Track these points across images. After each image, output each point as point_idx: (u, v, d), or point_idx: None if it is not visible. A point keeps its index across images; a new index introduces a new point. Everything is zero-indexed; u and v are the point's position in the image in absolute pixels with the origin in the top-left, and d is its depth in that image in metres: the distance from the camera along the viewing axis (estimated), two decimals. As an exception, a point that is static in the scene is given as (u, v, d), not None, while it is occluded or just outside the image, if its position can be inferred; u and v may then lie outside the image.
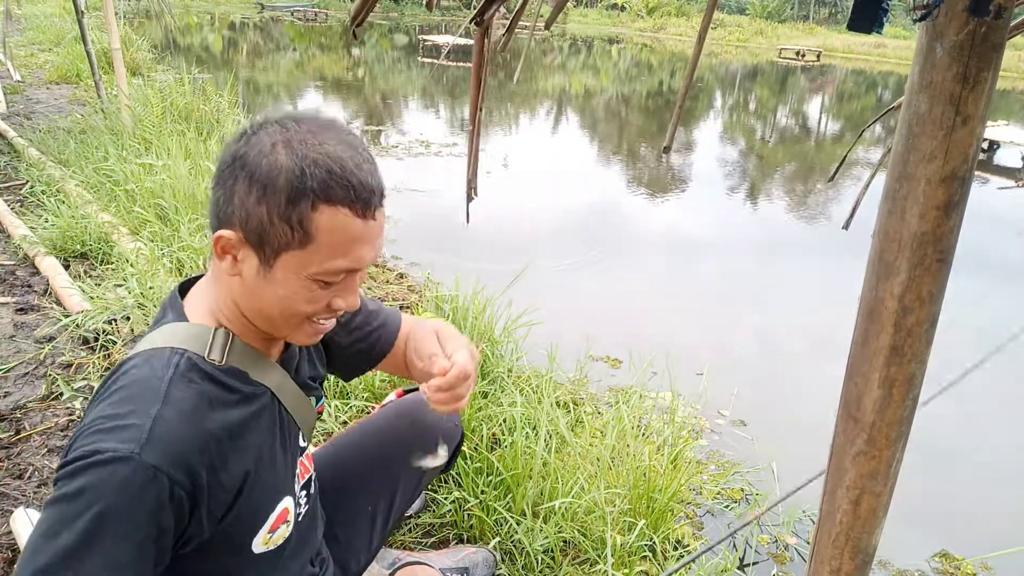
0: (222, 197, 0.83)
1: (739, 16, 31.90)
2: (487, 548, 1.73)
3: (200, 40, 17.20)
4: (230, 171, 0.82)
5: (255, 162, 0.80)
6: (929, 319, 0.63)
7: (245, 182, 0.81)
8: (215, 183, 0.85)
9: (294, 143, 0.80)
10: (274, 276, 0.84)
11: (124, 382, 0.82)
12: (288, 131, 0.81)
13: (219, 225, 0.84)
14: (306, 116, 0.84)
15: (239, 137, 0.83)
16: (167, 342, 0.85)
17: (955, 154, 0.58)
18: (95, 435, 0.77)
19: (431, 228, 4.82)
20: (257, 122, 0.84)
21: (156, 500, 0.76)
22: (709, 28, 0.73)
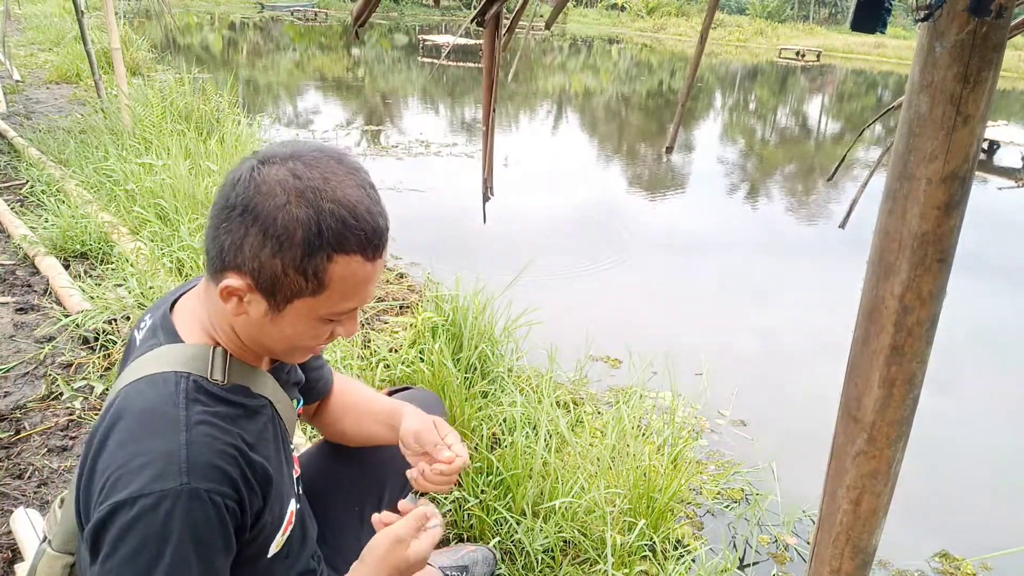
0: (228, 243, 0.80)
1: (739, 16, 31.90)
2: (486, 546, 1.73)
3: (200, 40, 17.20)
4: (240, 220, 0.79)
5: (269, 215, 0.78)
6: (929, 319, 0.64)
7: (259, 235, 0.79)
8: (219, 225, 0.81)
9: (307, 193, 0.79)
10: (282, 319, 0.84)
11: (135, 414, 0.79)
12: (300, 179, 0.79)
13: (223, 267, 0.82)
14: (314, 153, 0.82)
15: (245, 180, 0.79)
16: (167, 366, 0.83)
17: (956, 154, 0.58)
18: (128, 478, 0.74)
19: (431, 228, 4.82)
20: (261, 159, 0.81)
21: (219, 519, 0.77)
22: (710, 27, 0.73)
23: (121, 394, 0.82)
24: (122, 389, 0.82)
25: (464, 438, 2.01)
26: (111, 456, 0.76)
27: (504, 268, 3.18)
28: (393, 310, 3.13)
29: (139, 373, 0.83)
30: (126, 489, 0.73)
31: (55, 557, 0.88)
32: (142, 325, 0.94)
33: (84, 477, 0.79)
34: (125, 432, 0.77)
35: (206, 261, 0.84)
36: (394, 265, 3.90)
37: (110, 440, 0.77)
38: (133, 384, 0.82)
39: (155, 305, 0.96)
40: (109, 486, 0.74)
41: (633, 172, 7.66)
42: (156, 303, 0.97)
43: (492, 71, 0.83)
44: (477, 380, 2.35)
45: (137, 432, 0.77)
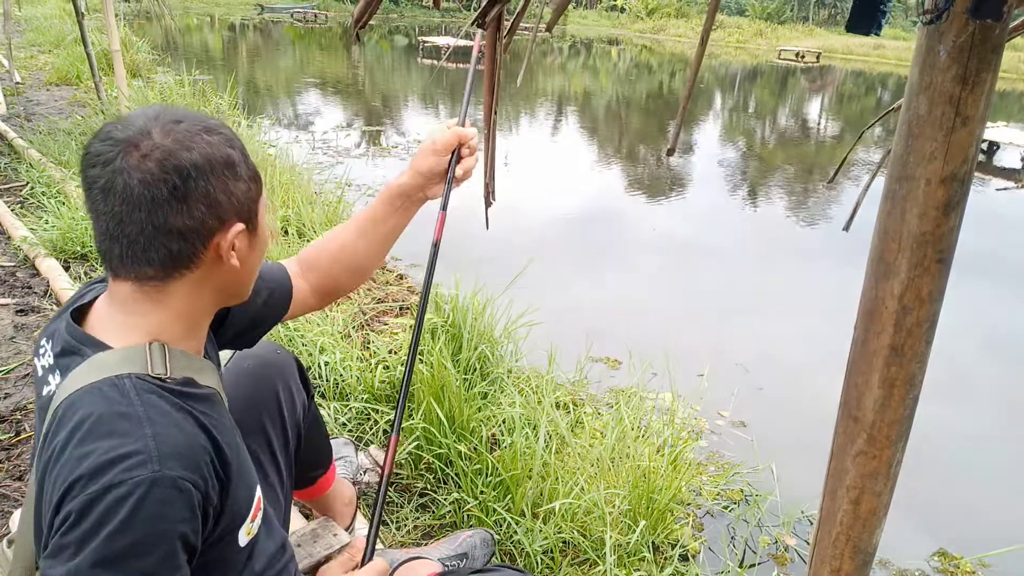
0: (196, 214, 0.80)
1: (739, 17, 31.93)
2: (484, 528, 1.72)
3: (200, 42, 17.21)
4: (184, 188, 0.78)
5: (203, 161, 0.79)
6: (929, 319, 0.64)
7: (216, 180, 0.80)
8: (158, 213, 0.78)
9: (191, 125, 0.80)
10: (257, 237, 0.88)
11: (88, 422, 0.75)
12: (164, 129, 0.79)
13: (204, 236, 0.81)
14: (125, 122, 0.81)
15: (117, 164, 0.77)
16: (104, 372, 0.79)
17: (955, 155, 0.58)
18: (98, 474, 0.72)
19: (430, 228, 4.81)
20: (112, 151, 0.78)
21: (190, 509, 0.76)
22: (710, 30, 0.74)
23: (60, 411, 0.77)
24: (60, 406, 0.78)
25: (463, 439, 2.02)
26: (74, 463, 0.73)
27: (504, 268, 3.18)
28: (393, 311, 3.13)
29: (75, 386, 0.78)
30: (96, 483, 0.71)
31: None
32: (42, 352, 0.87)
33: (44, 493, 0.76)
34: (85, 436, 0.74)
35: (130, 257, 0.81)
36: (394, 266, 3.90)
37: (68, 450, 0.74)
38: (69, 399, 0.78)
39: (46, 330, 0.90)
40: (78, 486, 0.72)
41: (633, 173, 7.67)
42: (46, 329, 0.90)
43: (493, 73, 0.83)
44: (477, 381, 2.35)
45: (98, 434, 0.74)
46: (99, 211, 0.79)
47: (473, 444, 2.01)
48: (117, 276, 0.82)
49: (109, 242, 0.80)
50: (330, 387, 2.31)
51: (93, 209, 0.80)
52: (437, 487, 1.97)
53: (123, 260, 0.80)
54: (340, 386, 2.31)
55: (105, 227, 0.79)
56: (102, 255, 0.82)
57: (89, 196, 0.79)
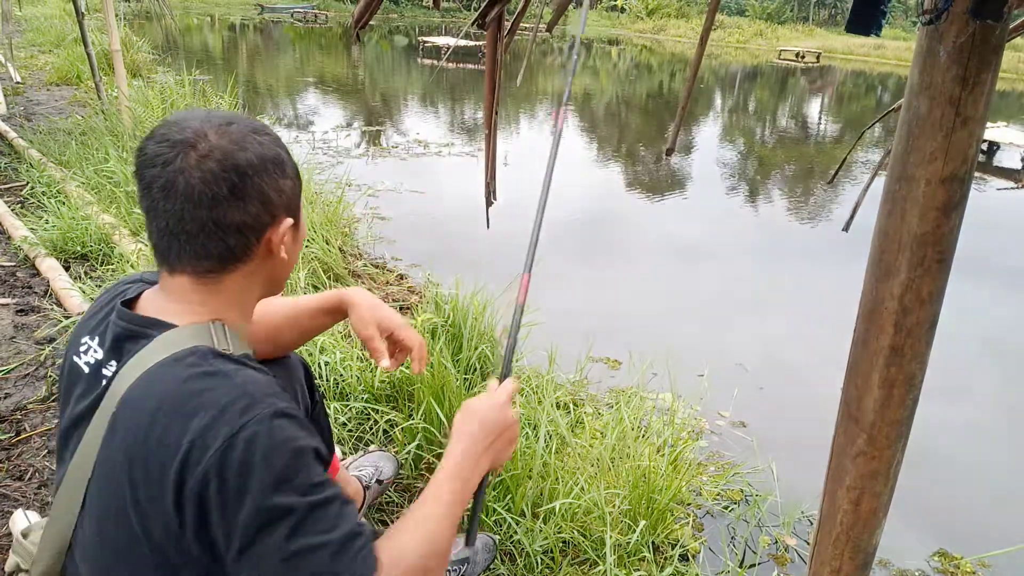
0: (251, 210, 0.84)
1: (739, 17, 31.93)
2: (486, 533, 1.73)
3: (200, 41, 17.21)
4: (242, 187, 0.82)
5: (248, 157, 0.83)
6: (929, 319, 0.64)
7: (268, 179, 0.85)
8: (218, 204, 0.82)
9: (242, 125, 0.85)
10: (299, 229, 0.93)
11: (179, 389, 0.77)
12: (219, 130, 0.83)
13: (259, 230, 0.86)
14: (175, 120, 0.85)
15: (177, 165, 0.81)
16: (174, 347, 0.81)
17: (955, 155, 0.58)
18: (217, 427, 0.74)
19: (431, 229, 4.82)
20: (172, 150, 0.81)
21: (307, 428, 0.81)
22: (710, 30, 0.74)
23: (139, 388, 0.79)
24: (136, 384, 0.79)
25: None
26: (180, 428, 0.74)
27: (504, 268, 3.18)
28: (393, 311, 3.13)
29: (149, 362, 0.80)
30: (219, 437, 0.73)
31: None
32: (84, 348, 0.88)
33: (138, 469, 0.76)
34: (183, 401, 0.76)
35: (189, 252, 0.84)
36: (394, 266, 3.90)
37: (166, 419, 0.76)
38: (151, 372, 0.80)
39: (87, 329, 0.91)
40: (198, 448, 0.73)
41: (633, 173, 7.67)
42: (84, 327, 0.92)
43: (494, 74, 0.83)
44: (477, 381, 2.35)
45: (196, 395, 0.76)
46: (158, 209, 0.82)
47: (473, 444, 2.01)
48: (173, 270, 0.86)
49: (168, 239, 0.83)
50: (330, 387, 2.31)
51: (152, 208, 0.83)
52: (437, 487, 1.97)
53: (181, 255, 0.84)
54: (340, 386, 2.31)
55: (164, 224, 0.82)
56: (158, 251, 0.86)
57: (147, 195, 0.82)
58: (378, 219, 4.85)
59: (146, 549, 0.76)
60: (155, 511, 0.75)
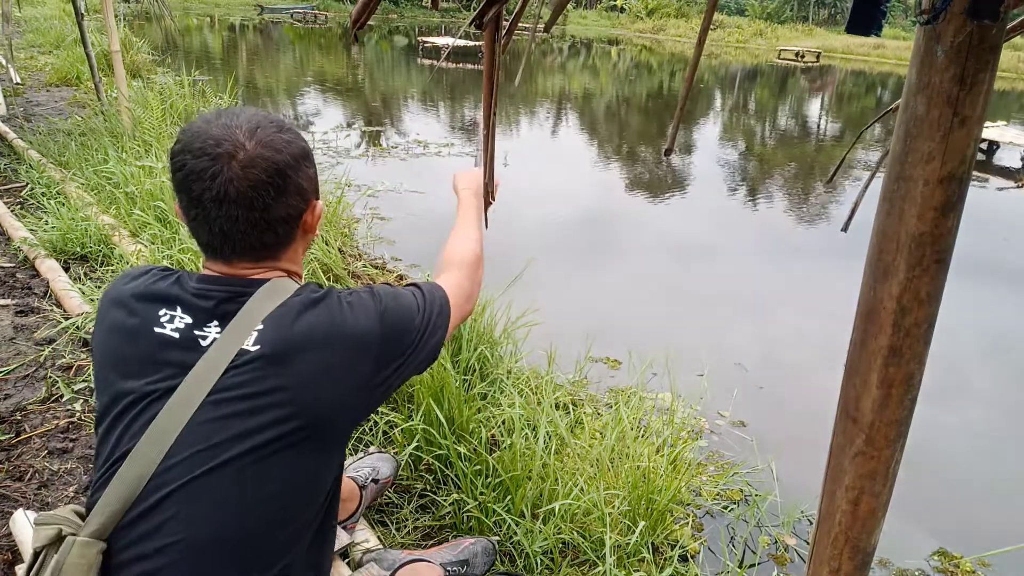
0: (291, 203, 0.96)
1: (738, 17, 31.95)
2: (486, 537, 1.73)
3: (200, 42, 17.21)
4: (284, 184, 0.94)
5: (285, 159, 0.94)
6: (927, 320, 0.64)
7: (302, 174, 0.97)
8: (268, 205, 0.94)
9: (274, 124, 0.96)
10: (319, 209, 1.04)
11: (326, 306, 0.98)
12: (250, 139, 0.93)
13: (298, 215, 0.99)
14: (213, 120, 0.95)
15: (225, 175, 0.90)
16: (284, 294, 0.99)
17: (953, 155, 0.58)
18: (360, 305, 1.01)
19: (431, 230, 4.82)
20: (212, 156, 0.91)
21: None
22: (708, 29, 0.74)
23: (285, 327, 0.93)
24: (272, 319, 0.94)
25: (463, 440, 2.02)
26: (345, 340, 0.96)
27: (504, 268, 3.19)
28: (393, 312, 3.13)
29: (271, 306, 0.95)
30: (371, 310, 1.00)
31: (89, 544, 0.87)
32: (165, 317, 0.96)
33: (351, 363, 0.96)
34: (338, 315, 0.97)
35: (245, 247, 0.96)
36: (394, 267, 3.90)
37: (331, 342, 0.95)
38: (284, 308, 0.95)
39: (157, 298, 0.97)
40: (369, 331, 0.98)
41: (633, 174, 7.67)
42: (154, 298, 0.98)
43: (492, 74, 0.83)
44: (476, 382, 2.35)
45: (338, 320, 0.96)
46: (211, 217, 0.93)
47: (473, 445, 2.01)
48: (231, 261, 0.98)
49: (222, 239, 0.95)
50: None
51: (203, 216, 0.93)
52: (437, 488, 1.97)
53: (236, 250, 0.96)
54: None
55: (219, 229, 0.93)
56: (211, 248, 0.97)
57: (198, 206, 0.92)
58: (378, 219, 4.85)
59: (336, 435, 0.98)
60: (361, 397, 0.98)
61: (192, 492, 0.87)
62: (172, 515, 0.87)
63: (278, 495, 0.92)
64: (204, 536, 0.87)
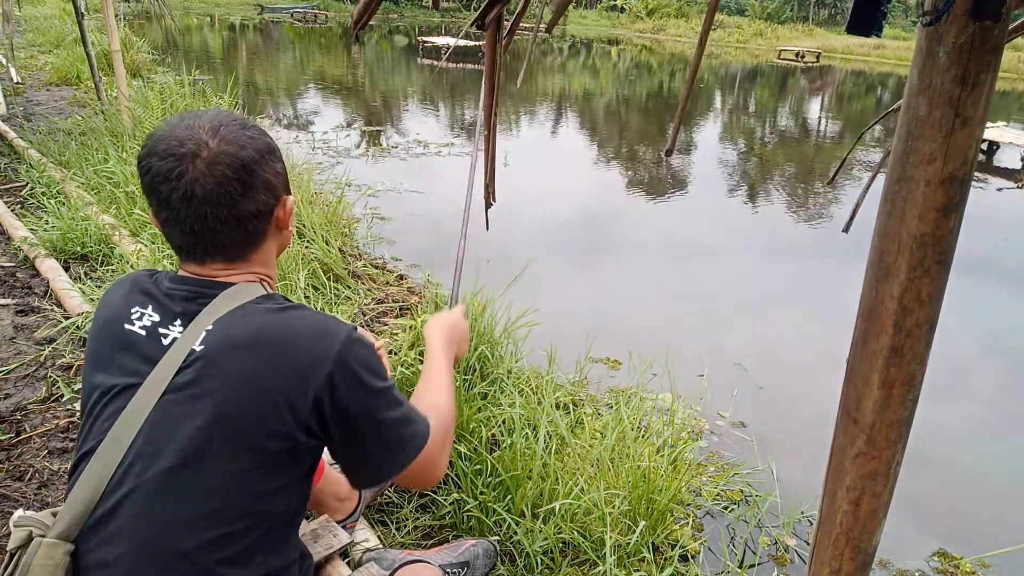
0: (259, 199, 0.96)
1: (739, 17, 31.94)
2: (487, 539, 1.73)
3: (200, 42, 17.21)
4: (250, 180, 0.94)
5: (249, 154, 0.94)
6: (928, 320, 0.64)
7: (269, 170, 0.96)
8: (235, 201, 0.93)
9: (236, 123, 0.96)
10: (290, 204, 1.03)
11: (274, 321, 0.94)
12: (213, 137, 0.93)
13: (268, 212, 0.98)
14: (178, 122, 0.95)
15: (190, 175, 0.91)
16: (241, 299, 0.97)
17: (954, 156, 0.58)
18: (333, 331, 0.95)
19: (431, 229, 4.82)
20: (177, 155, 0.91)
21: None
22: (709, 30, 0.74)
23: (236, 325, 0.92)
24: (216, 326, 0.92)
25: (463, 440, 2.02)
26: (293, 350, 0.91)
27: (504, 268, 3.18)
28: (393, 312, 3.13)
29: (223, 310, 0.93)
30: (334, 347, 0.92)
31: (55, 545, 0.87)
32: (136, 315, 0.96)
33: (276, 382, 0.89)
34: (283, 328, 0.93)
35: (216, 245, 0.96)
36: (394, 267, 3.90)
37: (273, 346, 0.91)
38: (230, 316, 0.93)
39: (131, 301, 0.99)
40: (319, 360, 0.90)
41: (633, 174, 7.67)
42: (127, 301, 0.99)
43: (493, 75, 0.83)
44: (477, 382, 2.35)
45: (296, 324, 0.93)
46: (181, 217, 0.92)
47: (473, 445, 2.01)
48: (203, 261, 0.98)
49: (193, 239, 0.95)
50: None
51: (173, 218, 0.93)
52: (437, 488, 1.97)
53: (208, 249, 0.96)
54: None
55: (190, 228, 0.93)
56: (183, 250, 0.97)
57: (167, 207, 0.92)
58: (378, 219, 4.85)
59: (258, 444, 0.89)
60: (281, 408, 0.89)
61: (140, 499, 0.87)
62: (125, 521, 0.86)
63: (218, 507, 0.88)
64: (150, 549, 0.86)
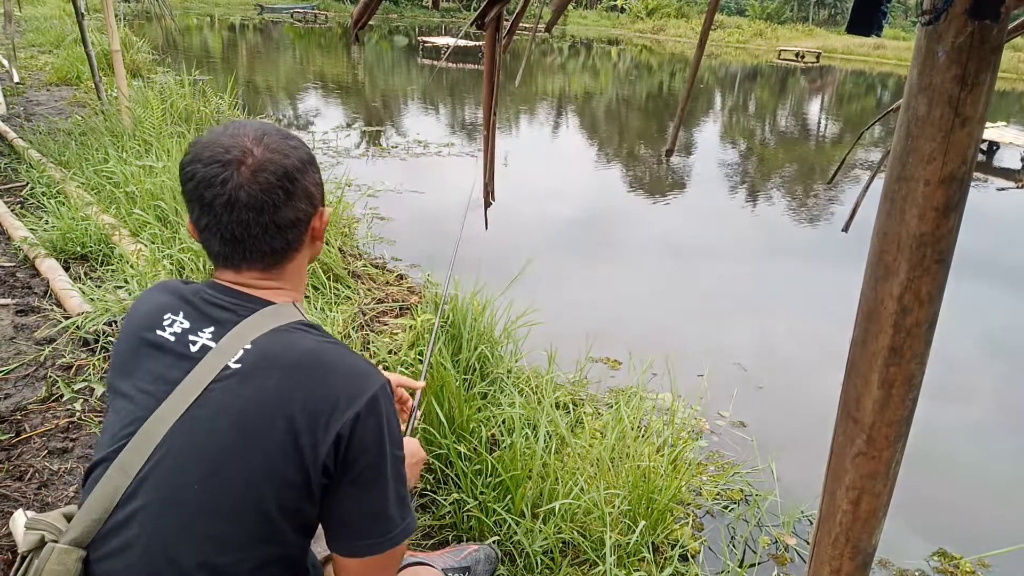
0: (300, 207, 0.96)
1: (738, 17, 31.93)
2: (488, 544, 1.73)
3: (200, 42, 17.21)
4: (291, 188, 0.94)
5: (293, 163, 0.95)
6: (928, 320, 0.64)
7: (309, 179, 0.97)
8: (277, 208, 0.93)
9: (269, 138, 0.95)
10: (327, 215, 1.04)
11: (313, 352, 0.93)
12: (258, 146, 0.94)
13: (307, 220, 0.98)
14: (225, 129, 0.96)
15: (235, 181, 0.91)
16: (278, 321, 0.98)
17: (954, 156, 0.58)
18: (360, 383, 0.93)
19: (431, 229, 4.82)
20: (223, 162, 0.92)
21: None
22: (709, 31, 0.74)
23: (260, 348, 0.91)
24: (255, 345, 0.91)
25: (463, 440, 2.02)
26: (328, 384, 0.90)
27: (504, 268, 3.18)
28: (393, 312, 3.13)
29: (262, 329, 0.93)
30: (363, 392, 0.91)
31: (68, 551, 0.86)
32: (168, 322, 0.96)
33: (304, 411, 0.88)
34: (319, 362, 0.92)
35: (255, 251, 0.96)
36: (394, 267, 3.90)
37: (316, 375, 0.91)
38: (268, 336, 0.93)
39: (163, 307, 0.98)
40: (346, 401, 0.89)
41: (633, 174, 7.67)
42: (160, 307, 0.98)
43: (493, 74, 0.83)
44: (477, 381, 2.35)
45: (333, 358, 0.93)
46: (223, 223, 0.93)
47: (473, 445, 2.01)
48: (240, 268, 0.98)
49: (233, 244, 0.95)
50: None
51: (215, 223, 0.93)
52: (437, 488, 1.97)
53: (247, 256, 0.96)
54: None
55: (231, 234, 0.93)
56: (221, 256, 0.97)
57: (209, 213, 0.93)
58: (378, 219, 4.85)
59: (277, 470, 0.88)
60: (304, 439, 0.88)
61: (155, 512, 0.86)
62: (136, 535, 0.86)
63: (234, 531, 0.87)
64: (160, 565, 0.85)
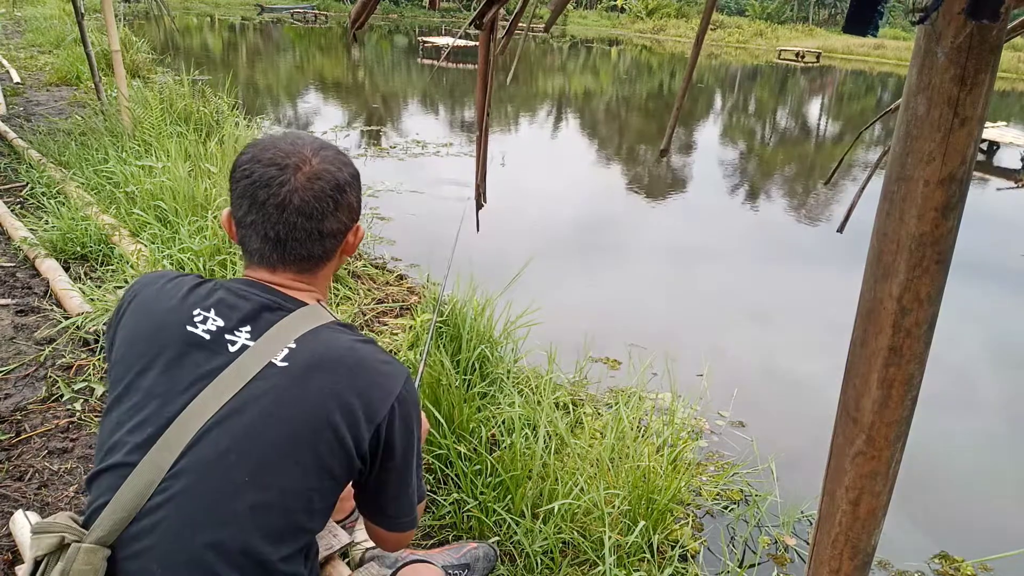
0: (343, 218, 1.01)
1: (738, 17, 31.92)
2: (488, 543, 1.73)
3: (200, 42, 17.21)
4: (338, 201, 0.99)
5: (344, 176, 1.00)
6: (927, 320, 0.64)
7: (352, 195, 1.02)
8: (324, 216, 0.98)
9: (325, 151, 1.01)
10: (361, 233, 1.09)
11: (355, 351, 0.98)
12: (315, 156, 0.99)
13: (344, 231, 1.02)
14: (281, 138, 1.01)
15: (306, 187, 0.96)
16: (316, 321, 1.01)
17: (953, 156, 0.58)
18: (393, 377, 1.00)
19: (431, 229, 4.82)
20: (281, 166, 0.96)
21: None
22: (708, 29, 0.73)
23: (305, 343, 0.95)
24: (300, 343, 0.95)
25: (463, 440, 2.02)
26: (365, 380, 0.95)
27: (504, 268, 3.18)
28: (393, 312, 3.13)
29: (302, 329, 0.97)
30: (402, 374, 1.00)
31: (94, 550, 0.85)
32: (200, 318, 0.96)
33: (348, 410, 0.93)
34: (363, 360, 0.97)
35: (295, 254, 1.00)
36: (393, 267, 3.90)
37: (354, 374, 0.95)
38: (309, 335, 0.96)
39: (198, 304, 0.97)
40: (382, 396, 0.96)
41: (633, 174, 7.67)
42: (197, 303, 0.98)
43: (486, 75, 0.83)
44: (476, 381, 2.35)
45: (369, 360, 0.98)
46: (271, 222, 0.96)
47: (473, 445, 2.01)
48: (275, 268, 1.01)
49: (274, 244, 0.98)
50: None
51: (262, 222, 0.97)
52: (437, 488, 1.97)
53: (285, 258, 1.00)
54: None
55: (276, 234, 0.97)
56: (260, 255, 1.00)
57: (259, 211, 0.96)
58: (378, 219, 4.85)
59: (322, 463, 0.92)
60: (348, 431, 0.93)
61: (188, 503, 0.86)
62: (161, 536, 0.85)
63: (278, 514, 0.90)
64: (199, 554, 0.86)
